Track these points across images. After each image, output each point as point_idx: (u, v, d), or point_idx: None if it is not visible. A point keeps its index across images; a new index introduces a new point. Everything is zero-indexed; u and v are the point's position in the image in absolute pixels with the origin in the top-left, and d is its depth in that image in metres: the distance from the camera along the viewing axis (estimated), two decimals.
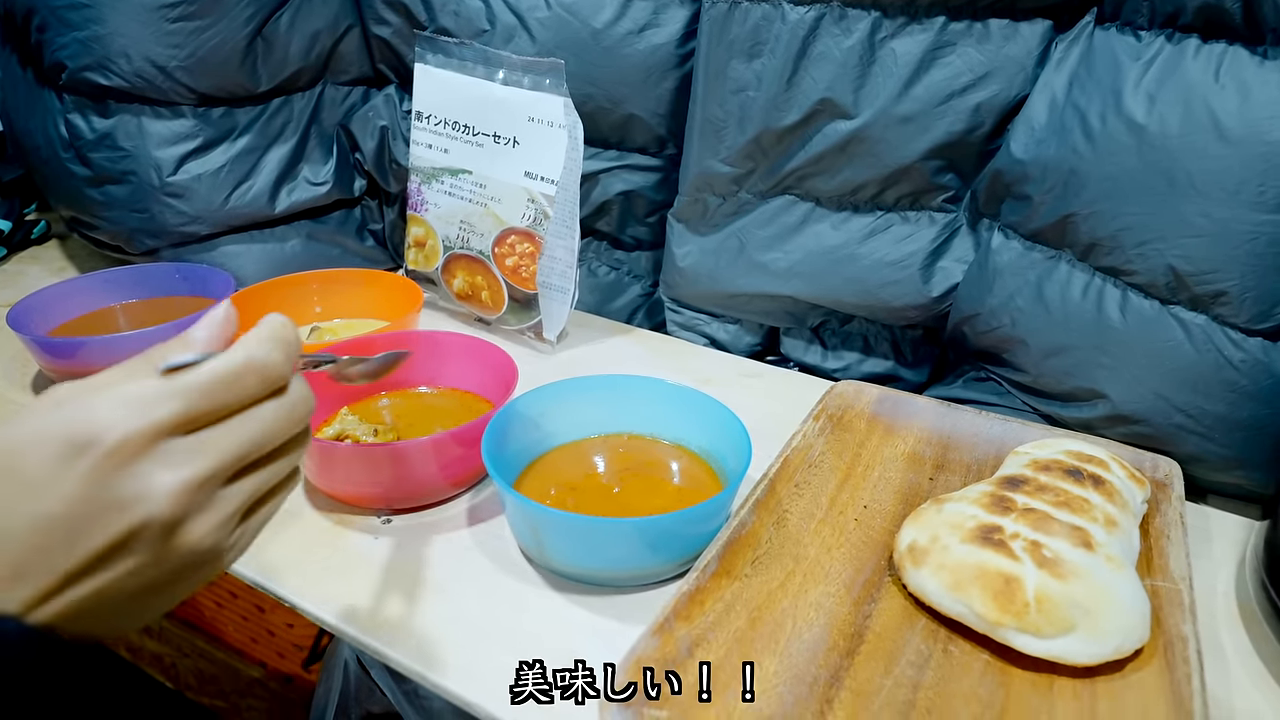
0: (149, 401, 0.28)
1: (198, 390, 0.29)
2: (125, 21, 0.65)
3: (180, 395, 0.28)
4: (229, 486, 0.30)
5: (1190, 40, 0.48)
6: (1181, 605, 0.42)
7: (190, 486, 0.28)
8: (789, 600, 0.43)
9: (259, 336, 0.31)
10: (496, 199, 0.70)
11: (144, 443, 0.27)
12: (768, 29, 0.59)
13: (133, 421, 0.27)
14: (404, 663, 0.41)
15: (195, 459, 0.28)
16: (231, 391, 0.29)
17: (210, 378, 0.29)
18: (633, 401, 0.55)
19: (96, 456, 0.27)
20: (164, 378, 0.28)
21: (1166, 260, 0.50)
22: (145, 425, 0.27)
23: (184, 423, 0.28)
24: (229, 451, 0.29)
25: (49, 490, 0.27)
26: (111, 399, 0.28)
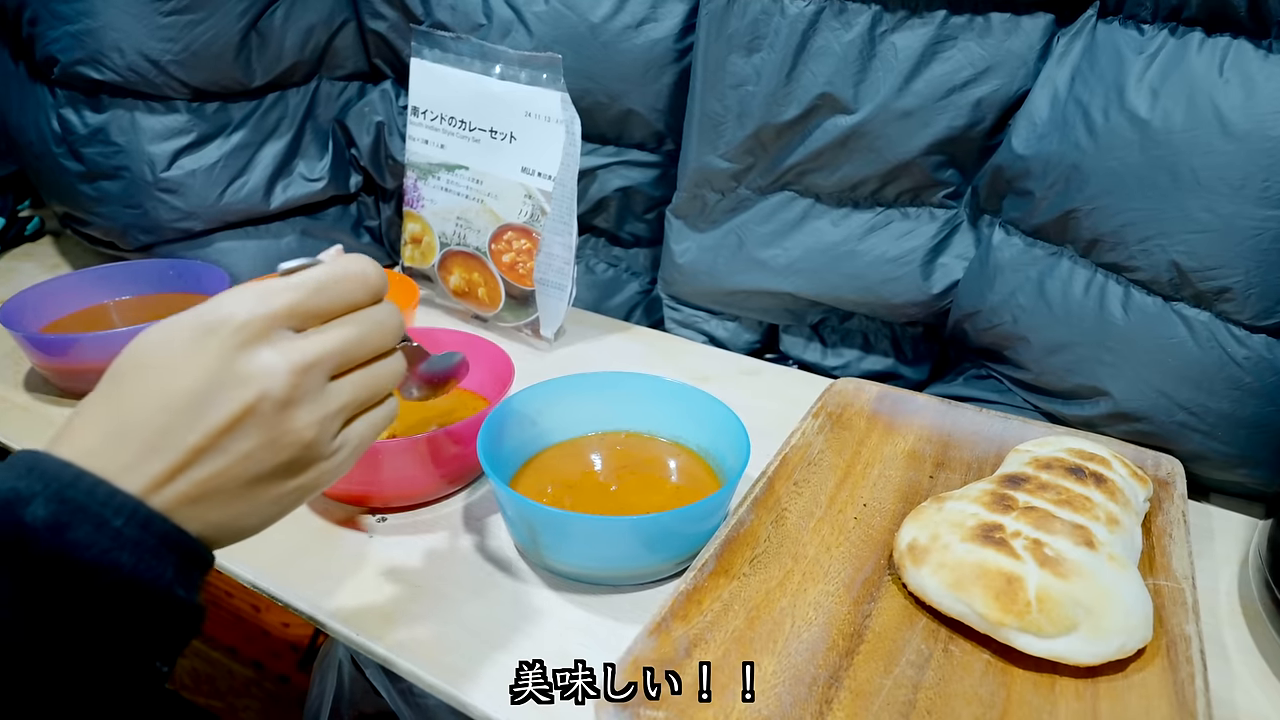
0: (269, 292, 0.32)
1: (311, 285, 0.32)
2: (118, 15, 0.65)
3: (295, 288, 0.32)
4: (331, 383, 0.33)
5: (1194, 34, 0.48)
6: (1184, 604, 0.42)
7: (300, 367, 0.31)
8: (788, 599, 0.43)
9: (364, 258, 0.35)
10: (493, 195, 0.70)
11: (264, 326, 0.31)
12: (767, 23, 0.59)
13: (256, 307, 0.31)
14: (398, 663, 0.41)
15: (305, 345, 0.32)
16: (337, 291, 0.33)
17: (322, 276, 0.33)
18: (630, 399, 0.54)
19: (224, 335, 0.30)
20: (282, 276, 0.33)
21: (1170, 256, 0.49)
22: (266, 310, 0.31)
23: (297, 313, 0.32)
24: (332, 344, 0.33)
25: (181, 367, 0.30)
26: (237, 292, 0.32)
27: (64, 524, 0.27)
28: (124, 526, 0.28)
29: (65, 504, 0.28)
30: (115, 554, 0.28)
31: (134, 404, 0.30)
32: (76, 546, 0.27)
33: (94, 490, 0.28)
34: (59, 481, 0.28)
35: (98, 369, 0.63)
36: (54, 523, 0.27)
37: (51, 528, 0.27)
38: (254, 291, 0.31)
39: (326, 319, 0.33)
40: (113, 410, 0.30)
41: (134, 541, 0.28)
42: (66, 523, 0.27)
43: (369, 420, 0.35)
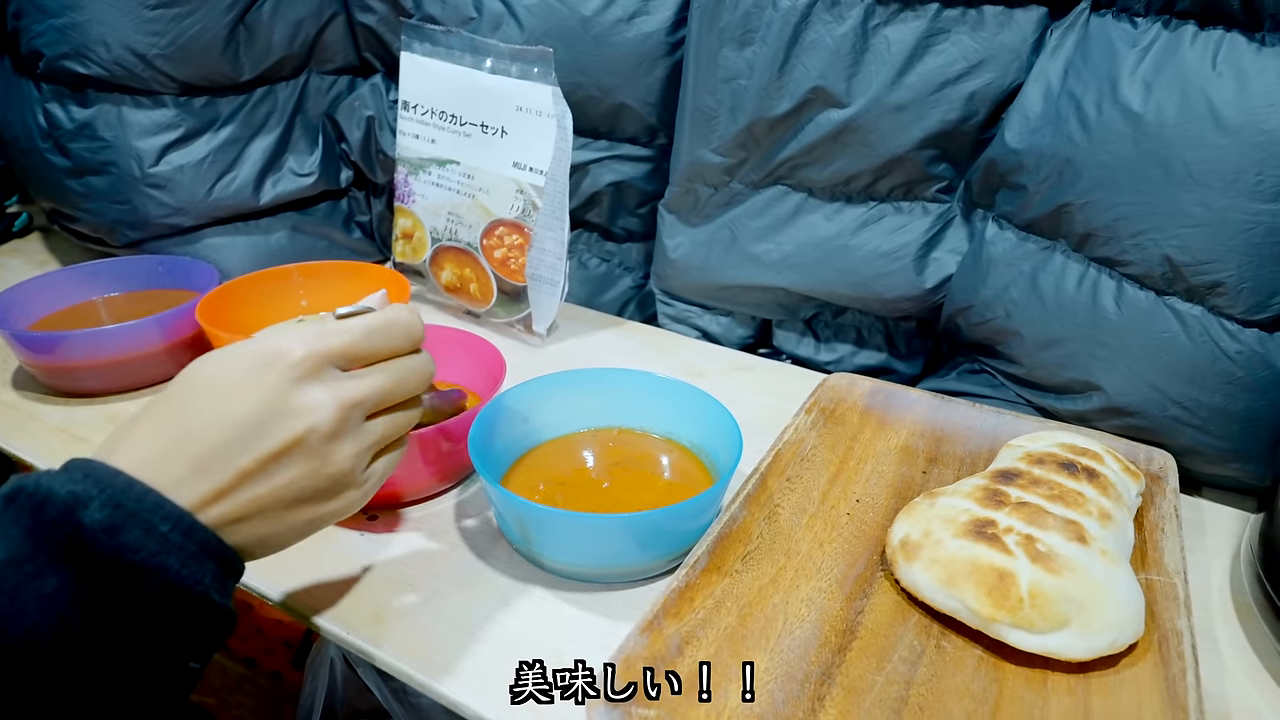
0: (324, 334, 0.35)
1: (362, 331, 0.36)
2: (104, 9, 0.64)
3: (349, 332, 0.36)
4: (368, 421, 0.36)
5: (1187, 27, 0.48)
6: (1176, 599, 0.42)
7: (346, 404, 0.35)
8: (780, 596, 0.43)
9: (408, 308, 0.39)
10: (485, 190, 0.69)
11: (317, 364, 0.34)
12: (759, 16, 0.58)
13: (313, 345, 0.34)
14: (389, 662, 0.41)
15: (351, 386, 0.35)
16: (384, 338, 0.37)
17: (372, 324, 0.37)
18: (623, 395, 0.54)
19: (280, 368, 0.33)
20: (337, 320, 0.37)
21: (1162, 250, 0.49)
22: (321, 349, 0.35)
23: (348, 355, 0.36)
24: (375, 386, 0.36)
25: (240, 394, 0.33)
26: (295, 330, 0.35)
27: (118, 526, 0.29)
28: (170, 533, 0.30)
29: (119, 509, 0.30)
30: (163, 557, 0.30)
31: (189, 423, 0.32)
32: (129, 549, 0.29)
33: (144, 498, 0.30)
34: (113, 487, 0.30)
35: (86, 367, 0.62)
36: (109, 525, 0.29)
37: (107, 530, 0.29)
38: (311, 331, 0.35)
39: (372, 362, 0.37)
40: (168, 427, 0.33)
41: (179, 547, 0.30)
42: (120, 525, 0.29)
43: (391, 457, 0.39)
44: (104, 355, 0.60)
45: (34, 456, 0.55)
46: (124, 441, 0.32)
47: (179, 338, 0.63)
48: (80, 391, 0.62)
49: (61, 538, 0.28)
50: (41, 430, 0.58)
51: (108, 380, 0.62)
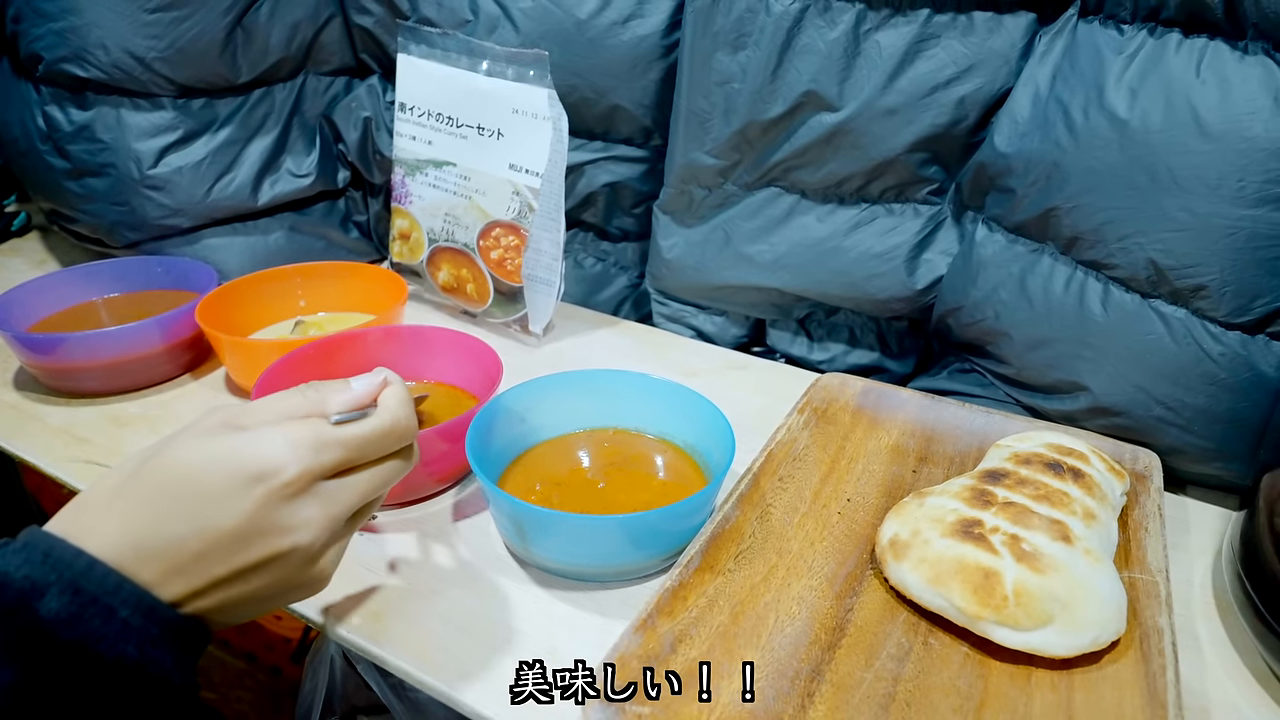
0: (320, 447, 0.33)
1: (358, 443, 0.35)
2: (102, 12, 0.64)
3: (344, 445, 0.34)
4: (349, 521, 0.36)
5: (1172, 34, 0.48)
6: (1158, 597, 0.43)
7: (334, 520, 0.34)
8: (772, 595, 0.44)
9: (401, 400, 0.37)
10: (481, 191, 0.70)
11: (310, 480, 0.33)
12: (752, 20, 0.59)
13: (305, 462, 0.33)
14: (387, 659, 0.42)
15: (342, 498, 0.34)
16: (379, 446, 0.36)
17: (369, 434, 0.35)
18: (618, 396, 0.55)
19: (272, 486, 0.32)
20: (334, 426, 0.34)
21: (1147, 254, 0.50)
22: (315, 466, 0.33)
23: (341, 467, 0.34)
24: (363, 494, 0.35)
25: (224, 507, 0.31)
26: (289, 439, 0.33)
27: (76, 616, 0.28)
28: (130, 616, 0.29)
29: (78, 594, 0.29)
30: (122, 645, 0.29)
31: (167, 528, 0.31)
32: (87, 639, 0.28)
33: (104, 580, 0.29)
34: (72, 570, 0.29)
35: (87, 368, 0.63)
36: (67, 616, 0.28)
37: (65, 621, 0.28)
38: (307, 444, 0.33)
39: (363, 466, 0.36)
40: (144, 526, 0.31)
41: (139, 631, 0.30)
42: (78, 615, 0.28)
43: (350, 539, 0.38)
44: (105, 356, 0.61)
45: (36, 457, 0.56)
46: (95, 524, 0.31)
47: (179, 339, 0.64)
48: (81, 392, 0.63)
49: (15, 629, 0.27)
50: (43, 430, 0.59)
51: (109, 381, 0.63)
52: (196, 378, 0.66)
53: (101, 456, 0.56)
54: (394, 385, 0.37)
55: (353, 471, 0.35)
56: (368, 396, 0.36)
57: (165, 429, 0.59)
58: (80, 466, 0.55)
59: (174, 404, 0.63)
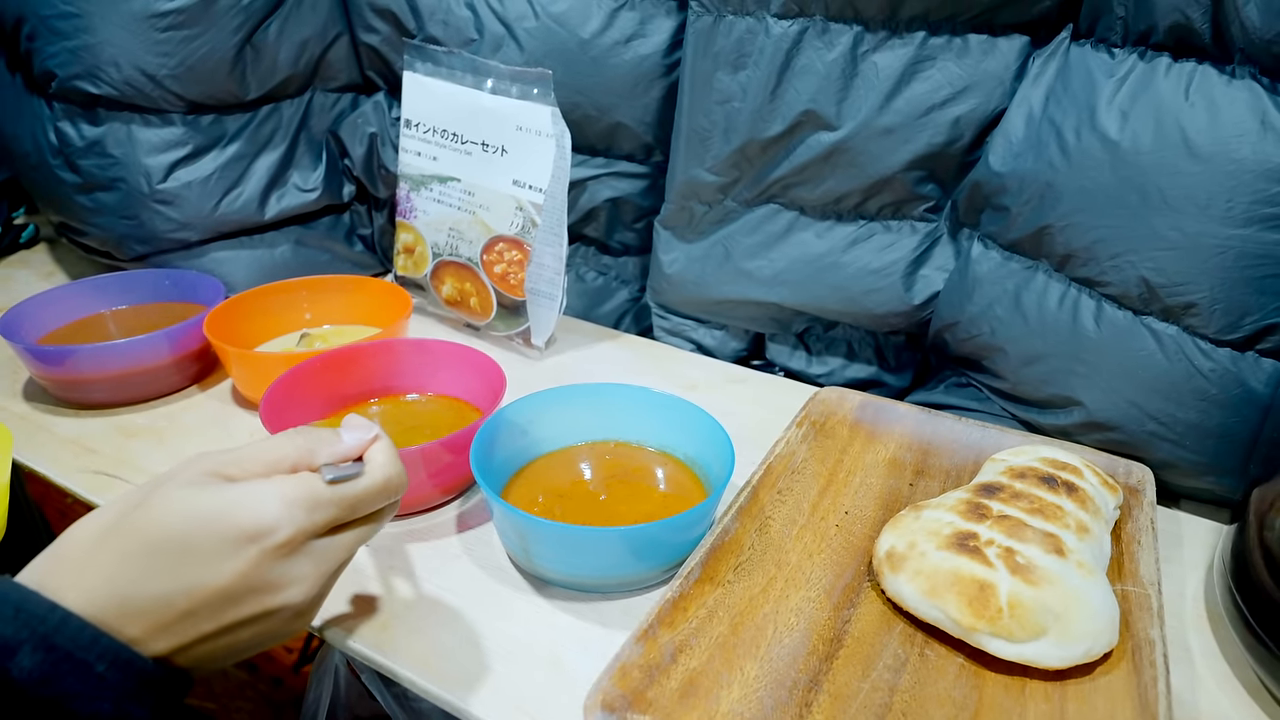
0: (314, 506, 0.33)
1: (350, 502, 0.35)
2: (115, 31, 0.66)
3: (337, 505, 0.34)
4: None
5: (1162, 58, 0.49)
6: (1150, 610, 0.43)
7: (326, 576, 0.34)
8: (770, 606, 0.44)
9: (391, 456, 0.37)
10: (485, 207, 0.71)
11: (303, 540, 0.33)
12: (752, 41, 0.60)
13: (299, 522, 0.33)
14: (391, 667, 0.42)
15: (333, 555, 0.35)
16: (370, 504, 0.36)
17: (362, 493, 0.35)
18: (619, 409, 0.56)
19: (265, 547, 0.32)
20: (328, 485, 0.34)
21: (1139, 272, 0.51)
22: (309, 526, 0.33)
23: (334, 525, 0.35)
24: (353, 549, 0.36)
25: (215, 567, 0.31)
26: (283, 498, 0.32)
27: (49, 676, 0.28)
28: (107, 671, 0.29)
29: (52, 651, 0.28)
30: (97, 703, 0.28)
31: (154, 586, 0.30)
32: (61, 698, 0.28)
33: (79, 634, 0.29)
34: (45, 625, 0.28)
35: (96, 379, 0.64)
36: (40, 675, 0.27)
37: (38, 680, 0.27)
38: (301, 504, 0.33)
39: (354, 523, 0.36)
40: (130, 579, 0.30)
41: (115, 686, 0.29)
42: (52, 673, 0.28)
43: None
44: (113, 368, 0.62)
45: (45, 467, 0.57)
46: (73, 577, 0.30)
47: (186, 351, 0.65)
48: (90, 403, 0.64)
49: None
50: (52, 441, 0.60)
51: (117, 392, 0.64)
52: (203, 389, 0.67)
53: (110, 467, 0.57)
54: (382, 440, 0.38)
55: (345, 528, 0.35)
56: (357, 450, 0.36)
57: (173, 440, 0.60)
58: (89, 477, 0.56)
59: (181, 415, 0.64)
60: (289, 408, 0.56)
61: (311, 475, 0.34)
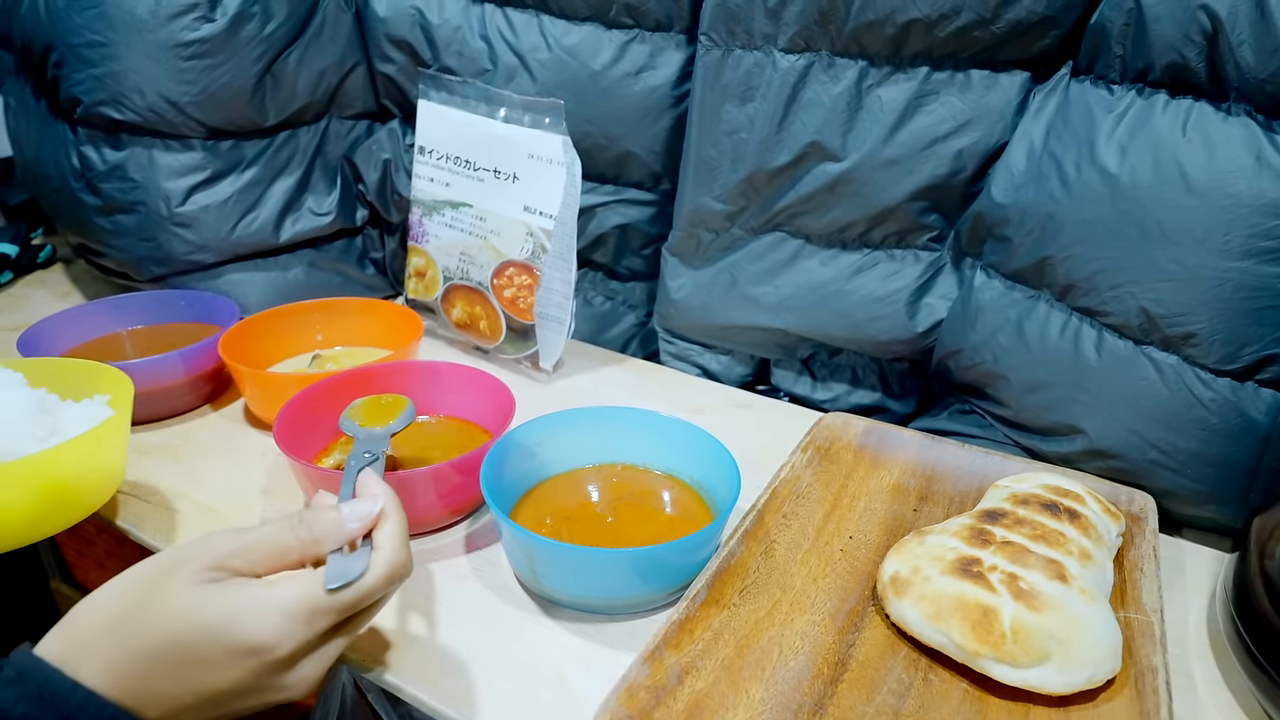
0: (314, 618, 0.34)
1: (353, 604, 0.35)
2: (140, 59, 0.67)
3: (339, 610, 0.35)
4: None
5: (1159, 95, 0.51)
6: (1153, 637, 0.44)
7: (327, 667, 0.35)
8: (775, 629, 0.45)
9: (398, 543, 0.37)
10: (496, 232, 0.72)
11: (307, 649, 0.34)
12: (759, 75, 0.62)
13: (300, 637, 0.34)
14: (398, 686, 0.43)
15: (333, 652, 0.36)
16: (373, 598, 0.36)
17: (365, 594, 0.35)
18: (627, 432, 0.57)
19: (268, 661, 0.33)
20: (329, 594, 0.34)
21: (1139, 303, 0.52)
22: (310, 638, 0.34)
23: (337, 626, 0.35)
24: (357, 633, 0.37)
25: (218, 675, 0.32)
26: (283, 613, 0.33)
27: None
28: None
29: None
30: None
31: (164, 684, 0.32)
32: None
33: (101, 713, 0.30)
34: (69, 704, 0.29)
35: None
36: None
37: None
38: (301, 617, 0.33)
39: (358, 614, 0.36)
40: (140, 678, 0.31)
41: None
42: None
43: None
44: None
45: None
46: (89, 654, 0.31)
47: (201, 370, 0.66)
48: None
49: None
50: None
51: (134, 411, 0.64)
52: (216, 409, 0.68)
53: (124, 485, 0.57)
54: (390, 521, 0.38)
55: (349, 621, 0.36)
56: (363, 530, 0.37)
57: (186, 458, 0.61)
58: None
59: (195, 434, 0.65)
60: (301, 428, 0.56)
61: (314, 581, 0.34)
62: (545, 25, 0.71)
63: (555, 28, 0.71)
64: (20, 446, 0.49)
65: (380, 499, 0.38)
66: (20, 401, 0.51)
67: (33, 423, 0.51)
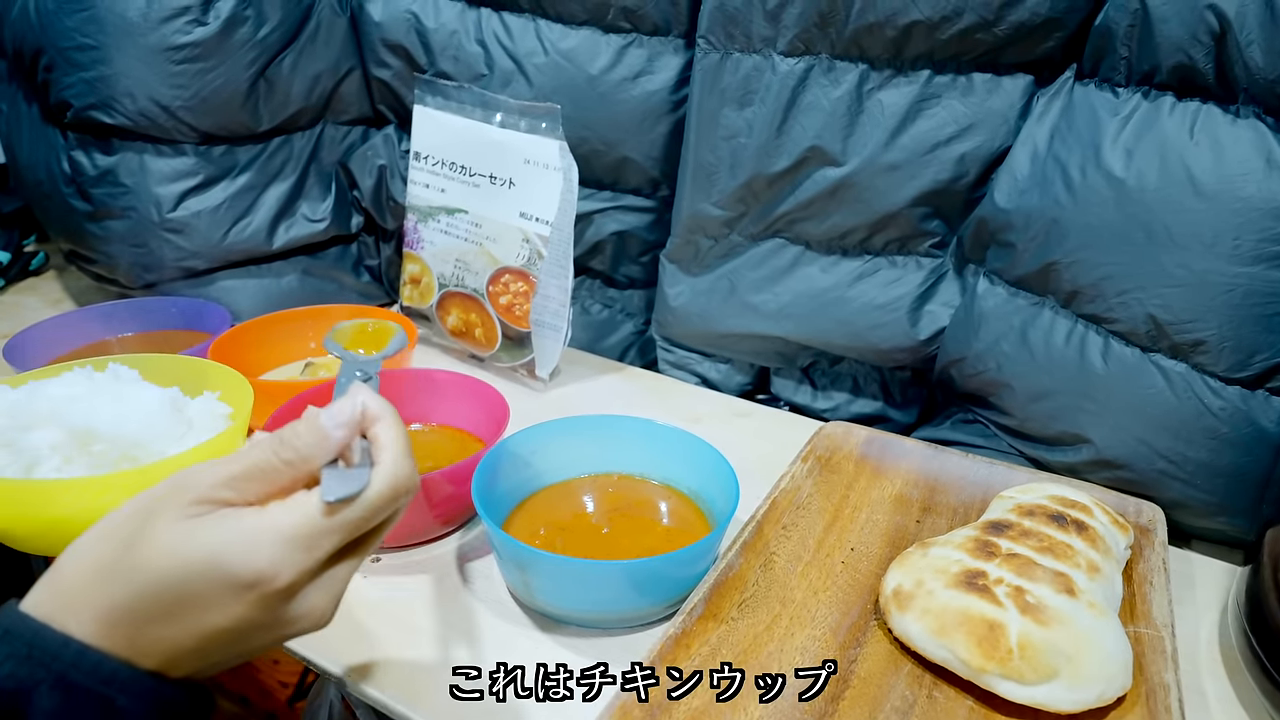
0: (313, 543, 0.30)
1: (355, 524, 0.31)
2: (131, 63, 0.67)
3: (340, 531, 0.31)
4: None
5: (1166, 98, 0.50)
6: (1163, 652, 0.42)
7: (340, 595, 0.32)
8: (775, 644, 0.43)
9: (400, 451, 0.33)
10: (492, 238, 0.71)
11: (309, 576, 0.31)
12: (758, 79, 0.61)
13: (300, 565, 0.30)
14: (386, 702, 0.41)
15: (346, 575, 0.32)
16: (379, 516, 0.32)
17: (368, 511, 0.32)
18: (623, 442, 0.55)
19: (268, 593, 0.30)
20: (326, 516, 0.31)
21: (1146, 309, 0.51)
22: (310, 565, 0.31)
23: (341, 549, 0.32)
24: (367, 555, 0.33)
25: (218, 612, 0.29)
26: (278, 540, 0.30)
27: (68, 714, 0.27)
28: (129, 704, 0.28)
29: (70, 691, 0.27)
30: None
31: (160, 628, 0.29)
32: None
33: (98, 669, 0.28)
34: (61, 663, 0.27)
35: None
36: (59, 714, 0.27)
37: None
38: (300, 544, 0.30)
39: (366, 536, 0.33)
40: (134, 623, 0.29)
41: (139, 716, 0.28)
42: (71, 713, 0.27)
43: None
44: None
45: None
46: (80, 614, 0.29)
47: None
48: None
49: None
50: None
51: None
52: None
53: None
54: (389, 433, 0.33)
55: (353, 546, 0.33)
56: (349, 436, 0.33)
57: None
58: None
59: None
60: None
61: (308, 502, 0.31)
62: (542, 29, 0.71)
63: (552, 32, 0.70)
64: (163, 446, 0.50)
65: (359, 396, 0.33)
66: (157, 399, 0.52)
67: (169, 420, 0.52)
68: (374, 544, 0.34)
